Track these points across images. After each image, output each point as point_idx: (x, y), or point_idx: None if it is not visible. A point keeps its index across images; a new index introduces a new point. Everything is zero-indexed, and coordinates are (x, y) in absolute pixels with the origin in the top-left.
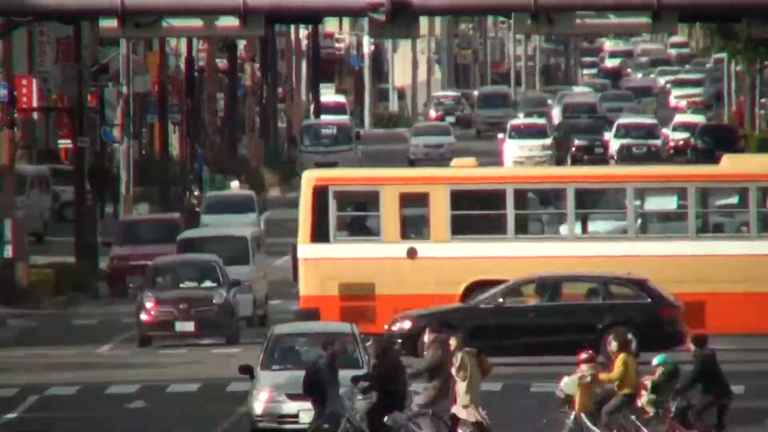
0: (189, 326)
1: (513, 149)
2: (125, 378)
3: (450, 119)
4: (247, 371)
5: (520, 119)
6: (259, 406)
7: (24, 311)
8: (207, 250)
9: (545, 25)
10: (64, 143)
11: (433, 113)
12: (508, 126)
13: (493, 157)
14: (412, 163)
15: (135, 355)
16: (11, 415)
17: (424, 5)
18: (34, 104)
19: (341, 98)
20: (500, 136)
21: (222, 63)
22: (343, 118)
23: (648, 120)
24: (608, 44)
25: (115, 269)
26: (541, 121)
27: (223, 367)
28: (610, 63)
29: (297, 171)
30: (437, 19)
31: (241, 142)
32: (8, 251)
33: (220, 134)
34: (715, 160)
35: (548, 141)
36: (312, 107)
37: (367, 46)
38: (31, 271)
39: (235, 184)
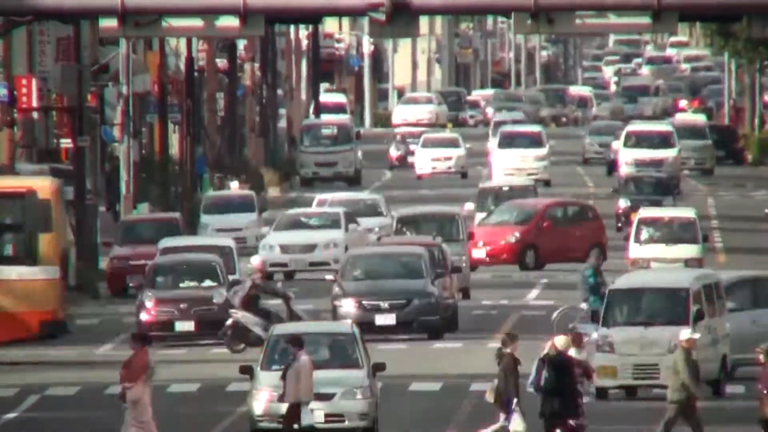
0: (189, 326)
1: (503, 160)
2: None
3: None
4: (247, 371)
5: (512, 126)
6: (259, 406)
7: None
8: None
9: (545, 25)
10: (64, 143)
11: (394, 152)
12: (498, 133)
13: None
14: (419, 177)
15: None
16: (11, 415)
17: (424, 5)
18: (34, 104)
19: (341, 98)
20: (489, 144)
21: (222, 63)
22: (344, 118)
23: (662, 127)
24: (649, 49)
25: (115, 269)
26: (536, 128)
27: (223, 367)
28: (647, 69)
29: (297, 170)
30: (437, 19)
31: (241, 142)
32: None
33: (220, 134)
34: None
35: (543, 151)
36: (312, 107)
37: (367, 45)
38: None
39: (235, 184)
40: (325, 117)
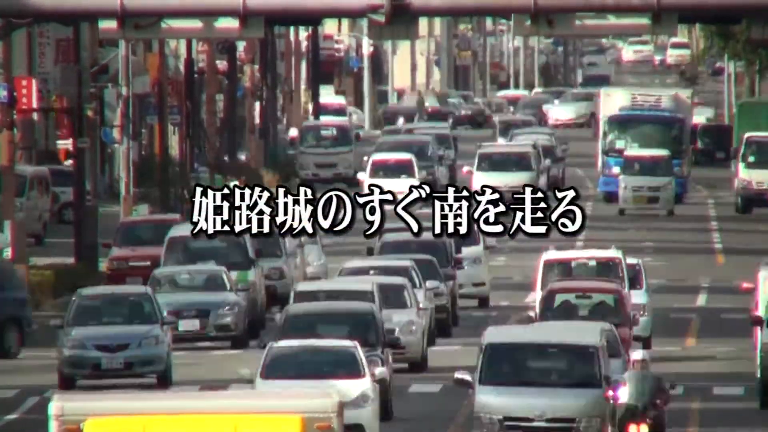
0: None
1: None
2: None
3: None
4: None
5: (493, 145)
6: None
7: None
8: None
9: (545, 27)
10: (64, 144)
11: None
12: (477, 154)
13: None
14: None
15: None
16: (11, 417)
17: (423, 6)
18: (34, 105)
19: (341, 100)
20: (465, 169)
21: (222, 64)
22: (343, 120)
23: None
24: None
25: (114, 270)
26: (524, 147)
27: (223, 370)
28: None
29: (296, 172)
30: (437, 20)
31: (240, 144)
32: (8, 253)
33: (220, 135)
34: (714, 160)
35: (530, 175)
36: (312, 108)
37: (367, 47)
38: (30, 272)
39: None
40: (325, 118)
